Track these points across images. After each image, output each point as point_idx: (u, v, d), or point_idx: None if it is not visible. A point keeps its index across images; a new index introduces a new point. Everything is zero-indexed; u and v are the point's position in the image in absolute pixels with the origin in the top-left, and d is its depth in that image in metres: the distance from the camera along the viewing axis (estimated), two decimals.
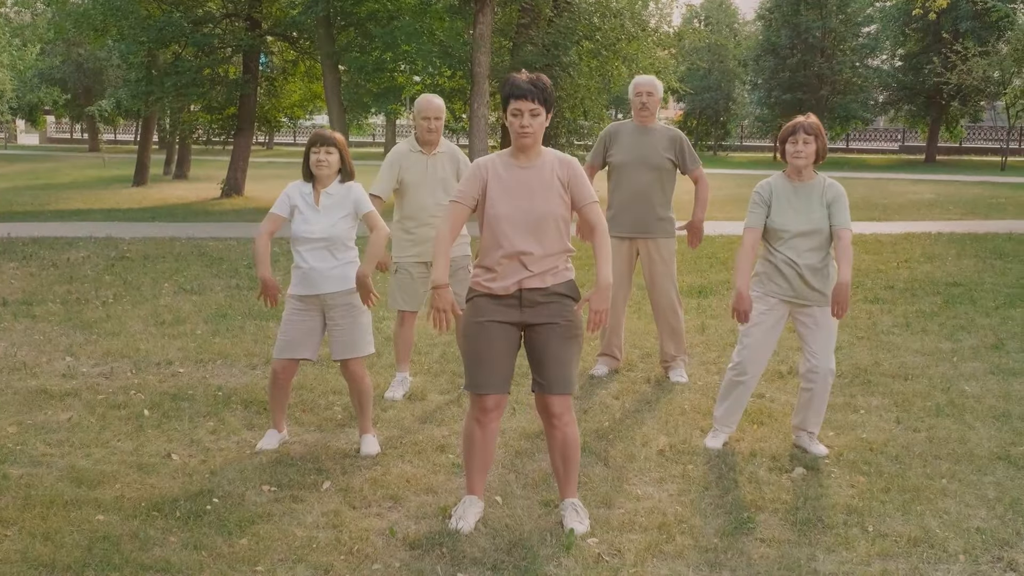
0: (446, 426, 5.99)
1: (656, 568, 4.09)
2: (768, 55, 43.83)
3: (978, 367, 7.45)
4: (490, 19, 21.07)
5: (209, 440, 5.71)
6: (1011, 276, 11.75)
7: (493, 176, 4.37)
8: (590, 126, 24.45)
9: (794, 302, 5.46)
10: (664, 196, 7.00)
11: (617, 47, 23.41)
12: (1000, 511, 4.71)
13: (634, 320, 9.00)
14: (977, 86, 39.40)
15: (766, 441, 5.74)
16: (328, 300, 5.43)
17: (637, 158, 6.92)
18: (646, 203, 6.94)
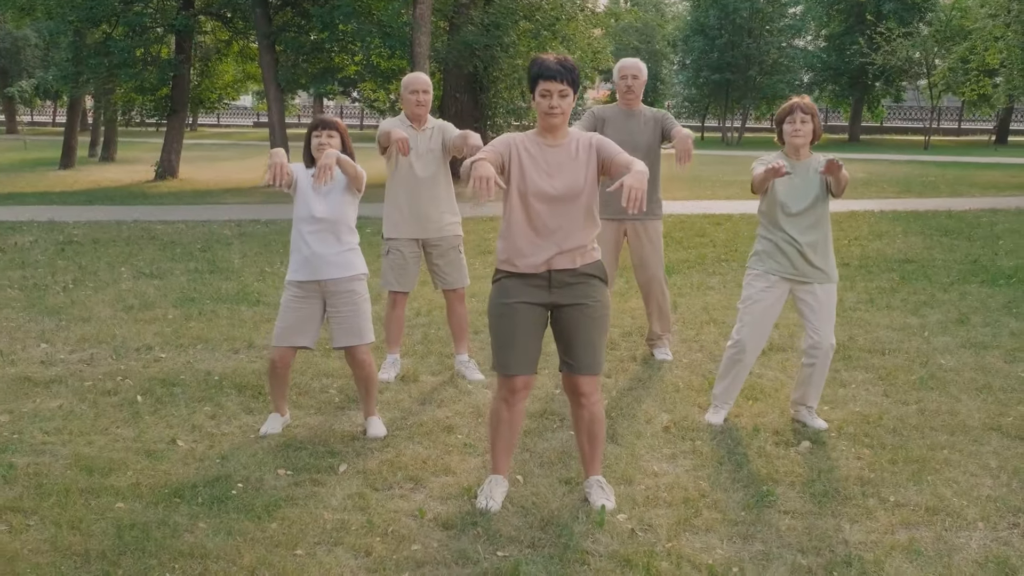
0: (447, 407, 5.99)
1: (690, 542, 4.16)
2: (697, 35, 44.25)
3: (949, 341, 7.66)
4: (430, 1, 20.96)
5: (210, 425, 5.64)
6: (959, 252, 12.07)
7: (523, 152, 4.38)
8: (527, 107, 24.47)
9: (795, 279, 5.56)
10: (653, 178, 7.06)
11: (556, 27, 23.46)
12: (1005, 479, 4.87)
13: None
14: (901, 67, 40.29)
15: (765, 416, 5.85)
16: (330, 287, 5.39)
17: (625, 141, 6.94)
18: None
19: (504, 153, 4.38)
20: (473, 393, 6.28)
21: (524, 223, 4.38)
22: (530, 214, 4.37)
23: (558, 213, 4.35)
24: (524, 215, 4.38)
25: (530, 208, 4.36)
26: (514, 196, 4.40)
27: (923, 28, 42.42)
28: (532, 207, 4.36)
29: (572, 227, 4.36)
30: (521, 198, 4.38)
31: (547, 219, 4.35)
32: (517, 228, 4.39)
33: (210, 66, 26.55)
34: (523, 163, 4.38)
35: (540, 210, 4.35)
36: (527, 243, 4.37)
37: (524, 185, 4.37)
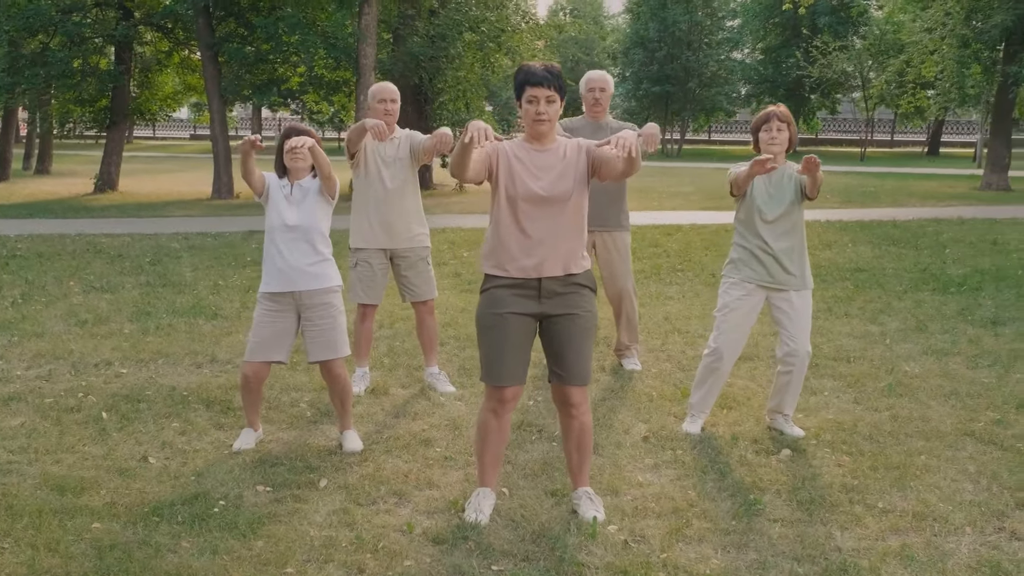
0: (421, 419, 5.92)
1: (684, 552, 4.14)
2: (637, 48, 44.59)
3: (911, 348, 7.75)
4: (375, 10, 20.91)
5: (181, 441, 5.51)
6: (908, 261, 12.25)
7: (512, 157, 4.35)
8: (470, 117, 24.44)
9: (770, 287, 5.58)
10: (619, 190, 7.06)
11: (501, 39, 23.48)
12: (985, 484, 4.91)
13: None
14: (837, 79, 40.93)
15: (741, 425, 5.85)
16: (305, 299, 5.30)
17: None
18: (603, 196, 6.97)
19: (492, 155, 4.35)
20: (446, 405, 6.21)
21: (513, 226, 4.34)
22: (519, 217, 4.33)
23: (548, 216, 4.31)
24: (513, 218, 4.34)
25: (519, 211, 4.32)
26: (503, 200, 4.36)
27: (857, 42, 43.13)
28: (521, 210, 4.32)
29: (562, 231, 4.33)
30: (510, 202, 4.34)
31: (537, 222, 4.31)
32: (506, 232, 4.34)
33: (150, 77, 26.14)
34: (512, 167, 4.35)
35: (530, 213, 4.31)
36: (517, 247, 4.32)
37: (513, 188, 4.33)
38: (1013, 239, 14.31)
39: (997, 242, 13.98)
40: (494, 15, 23.15)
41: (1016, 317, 8.93)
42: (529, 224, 4.32)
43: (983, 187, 24.22)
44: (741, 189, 5.49)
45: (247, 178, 5.29)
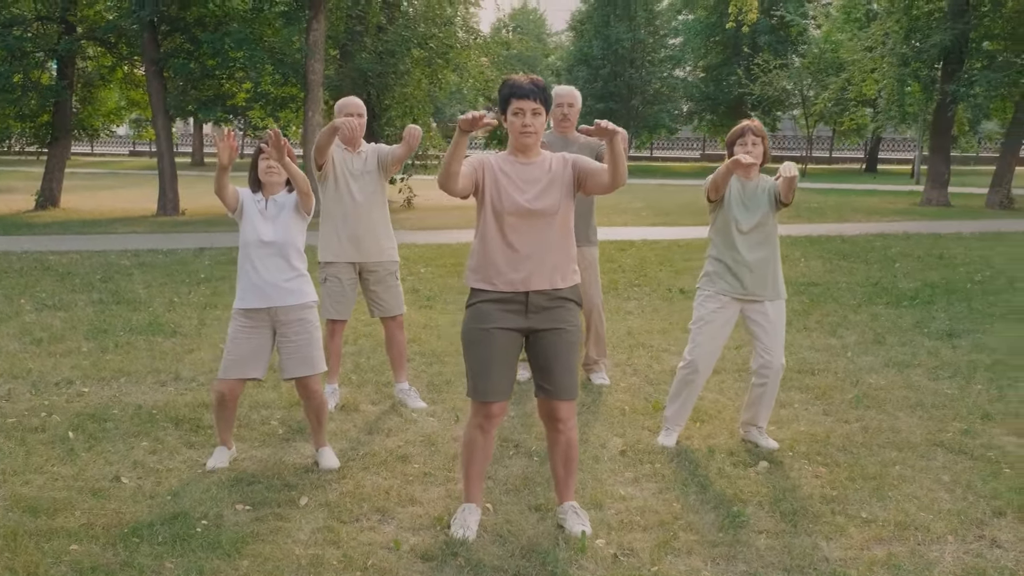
0: (396, 436, 5.87)
1: (674, 565, 4.14)
2: (581, 65, 44.88)
3: (873, 360, 7.85)
4: (323, 26, 20.82)
5: (152, 461, 5.41)
6: (859, 275, 12.42)
7: (498, 171, 4.35)
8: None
9: (745, 299, 5.62)
10: (587, 205, 7.09)
11: (449, 55, 23.50)
12: (961, 493, 4.98)
13: None
14: (778, 97, 41.48)
15: (715, 438, 5.88)
16: (281, 315, 5.24)
17: None
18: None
19: (478, 168, 4.34)
20: (419, 421, 6.17)
21: (500, 240, 4.33)
22: (506, 231, 4.32)
23: (535, 229, 4.31)
24: (500, 232, 4.33)
25: (506, 225, 4.32)
26: (489, 214, 4.35)
27: (796, 60, 43.72)
28: (508, 224, 4.31)
29: (549, 244, 4.33)
30: (496, 215, 4.33)
31: (524, 236, 4.31)
32: (493, 246, 4.33)
33: (93, 92, 25.74)
34: (499, 180, 4.34)
35: (516, 226, 4.31)
36: (504, 261, 4.31)
37: (500, 202, 4.32)
38: (959, 253, 14.58)
39: (943, 256, 14.23)
40: (441, 32, 23.16)
41: (970, 329, 9.08)
42: (516, 238, 4.31)
43: (924, 203, 24.66)
44: (719, 191, 5.51)
45: (221, 193, 5.21)
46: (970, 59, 24.40)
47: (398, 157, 6.40)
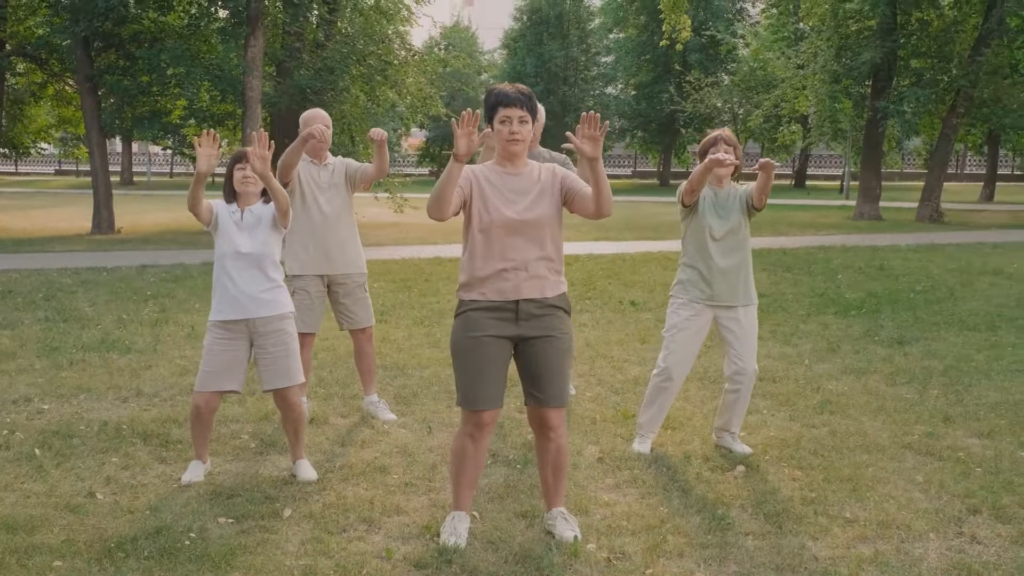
0: (370, 448, 5.84)
1: (667, 567, 4.18)
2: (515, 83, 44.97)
3: (830, 368, 7.98)
4: (261, 42, 20.68)
5: (125, 476, 5.32)
6: (804, 287, 12.62)
7: (484, 182, 4.35)
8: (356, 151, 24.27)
9: (718, 305, 5.69)
10: None
11: (388, 72, 23.46)
12: (935, 493, 5.09)
13: None
14: (709, 114, 42.04)
15: (689, 444, 5.94)
16: (259, 327, 5.19)
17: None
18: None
19: (463, 185, 4.33)
20: (391, 433, 6.14)
21: (488, 252, 4.33)
22: (493, 242, 4.32)
23: (524, 240, 4.32)
24: (487, 244, 4.33)
25: (494, 237, 4.32)
26: (476, 227, 4.35)
27: (725, 78, 44.36)
28: (496, 235, 4.31)
29: (538, 254, 4.34)
30: (484, 227, 4.33)
31: (512, 247, 4.31)
32: (482, 257, 4.34)
33: (23, 109, 25.27)
34: (484, 192, 4.34)
35: (505, 238, 4.31)
36: (493, 272, 4.32)
37: (487, 214, 4.32)
38: (897, 265, 14.89)
39: (884, 267, 14.52)
40: (380, 49, 23.12)
41: (919, 337, 9.28)
42: (504, 249, 4.31)
43: (856, 217, 25.15)
44: (695, 194, 5.54)
45: (195, 207, 5.13)
46: (899, 76, 25.00)
47: (369, 176, 6.40)
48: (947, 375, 7.71)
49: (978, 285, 12.84)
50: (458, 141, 4.07)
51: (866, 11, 23.99)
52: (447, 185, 4.15)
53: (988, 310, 10.85)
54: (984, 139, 39.68)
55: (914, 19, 24.61)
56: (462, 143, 4.07)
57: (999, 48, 24.16)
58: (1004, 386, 7.34)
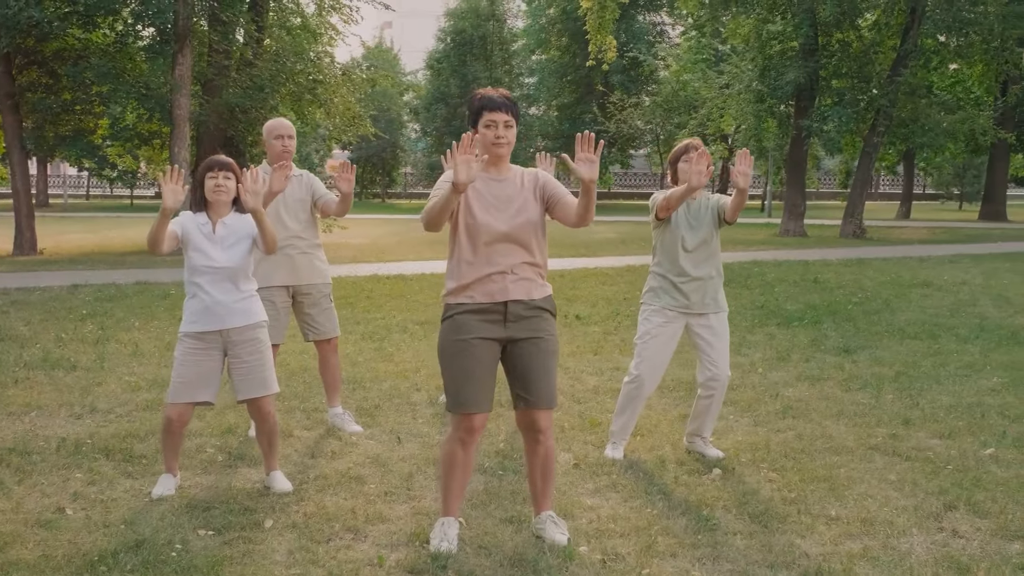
0: (341, 459, 5.76)
1: (662, 567, 4.18)
2: (439, 104, 45.05)
3: (784, 376, 8.09)
4: (189, 60, 20.40)
5: (93, 492, 5.17)
6: (745, 300, 12.79)
7: (470, 190, 4.34)
8: None
9: (690, 313, 5.72)
10: None
11: (317, 91, 23.30)
12: (909, 491, 5.18)
13: None
14: (632, 134, 42.52)
15: (660, 449, 5.96)
16: (233, 336, 5.10)
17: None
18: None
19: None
20: (359, 444, 6.07)
21: (474, 257, 4.32)
22: (480, 249, 4.32)
23: (510, 246, 4.33)
24: (473, 250, 4.33)
25: (479, 242, 4.32)
26: (462, 231, 4.35)
27: (646, 99, 44.87)
28: (481, 241, 4.32)
29: (524, 258, 4.35)
30: (469, 233, 4.33)
31: (499, 252, 4.32)
32: (468, 262, 4.33)
33: None
34: (470, 199, 4.34)
35: (490, 244, 4.31)
36: (480, 276, 4.31)
37: (473, 220, 4.32)
38: (831, 278, 15.17)
39: (818, 280, 14.79)
40: (311, 67, 22.97)
41: (864, 345, 9.45)
42: (491, 254, 4.31)
43: (782, 233, 25.58)
44: (671, 210, 5.56)
45: (156, 245, 4.92)
46: (821, 96, 25.54)
47: (329, 210, 6.33)
48: (898, 381, 7.86)
49: (911, 296, 13.14)
50: (458, 170, 4.02)
51: (789, 32, 24.52)
52: (443, 211, 4.16)
53: (924, 320, 11.10)
54: (899, 159, 40.72)
55: (835, 40, 25.20)
56: (462, 172, 4.01)
57: (916, 69, 24.84)
58: (954, 390, 7.51)
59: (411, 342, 9.65)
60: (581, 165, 4.06)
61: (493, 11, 46.02)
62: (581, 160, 4.07)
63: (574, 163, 4.08)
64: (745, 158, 5.28)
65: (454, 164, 4.02)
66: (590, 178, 4.05)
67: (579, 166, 4.06)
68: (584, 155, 4.07)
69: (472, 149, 4.03)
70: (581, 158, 4.07)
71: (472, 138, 4.06)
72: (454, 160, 4.03)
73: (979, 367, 8.38)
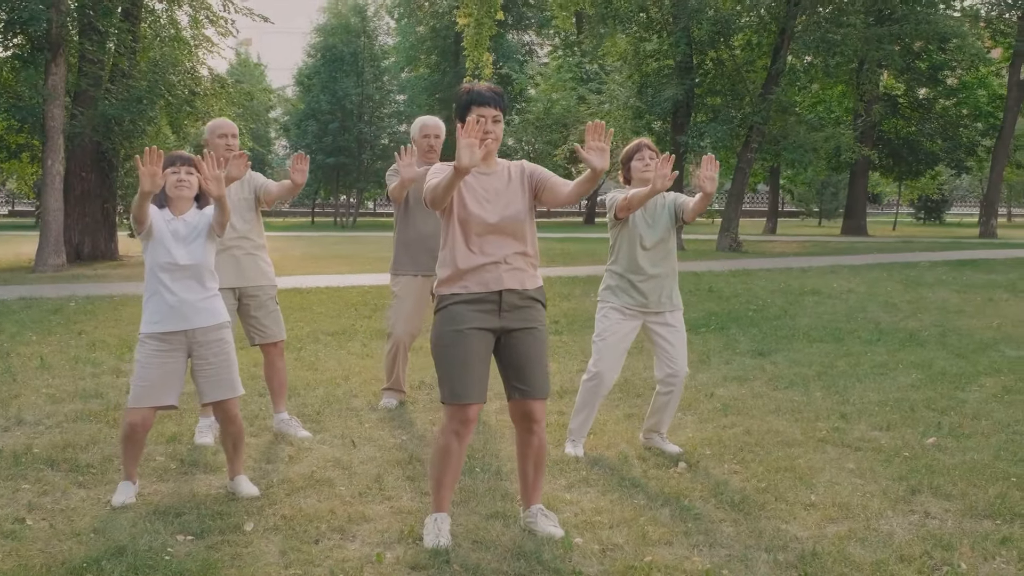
0: (301, 462, 5.63)
1: (662, 554, 4.21)
2: (310, 120, 44.47)
3: (711, 377, 8.25)
4: (63, 70, 19.73)
5: (48, 502, 4.92)
6: None
7: (462, 183, 4.32)
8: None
9: (648, 311, 5.79)
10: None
11: (195, 103, 22.81)
12: (872, 478, 5.34)
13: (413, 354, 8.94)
14: (504, 152, 42.81)
15: (615, 447, 6.01)
16: (199, 336, 4.95)
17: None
18: (439, 241, 6.98)
19: None
20: (313, 449, 5.94)
21: (466, 248, 4.32)
22: (471, 240, 4.31)
23: (501, 238, 4.34)
24: (465, 242, 4.32)
25: (471, 234, 4.31)
26: (455, 223, 4.34)
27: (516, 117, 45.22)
28: (473, 233, 4.32)
29: (515, 249, 4.36)
30: (462, 225, 4.33)
31: (491, 243, 4.33)
32: (462, 252, 4.32)
33: None
34: (461, 192, 4.34)
35: (482, 236, 4.32)
36: (473, 265, 4.30)
37: (465, 213, 4.33)
38: (724, 287, 15.52)
39: (712, 289, 15.13)
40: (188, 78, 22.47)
41: (776, 349, 9.71)
42: (484, 245, 4.32)
43: None
44: (632, 211, 5.60)
45: (141, 218, 4.84)
46: (697, 112, 26.20)
47: (272, 196, 6.25)
48: (821, 380, 8.09)
49: (804, 304, 13.55)
50: (460, 152, 4.00)
51: (665, 51, 25.10)
52: (447, 191, 4.17)
53: (823, 325, 11.46)
54: (766, 176, 42.01)
55: (709, 59, 25.90)
56: (465, 155, 3.99)
57: (786, 87, 25.72)
58: (878, 387, 7.78)
59: (328, 351, 9.50)
60: (592, 154, 4.08)
61: (364, 27, 45.76)
62: (592, 149, 4.08)
63: (585, 152, 4.09)
64: (711, 163, 5.39)
65: (458, 147, 3.99)
66: (601, 168, 4.07)
67: (590, 155, 4.08)
68: (595, 144, 4.09)
69: (478, 133, 4.01)
70: (592, 147, 4.09)
71: (476, 122, 4.03)
72: (404, 161, 3.99)
73: (892, 366, 8.70)
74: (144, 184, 4.69)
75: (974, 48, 29.92)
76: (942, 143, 37.60)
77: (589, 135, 4.11)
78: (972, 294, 14.67)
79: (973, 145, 38.28)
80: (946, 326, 11.27)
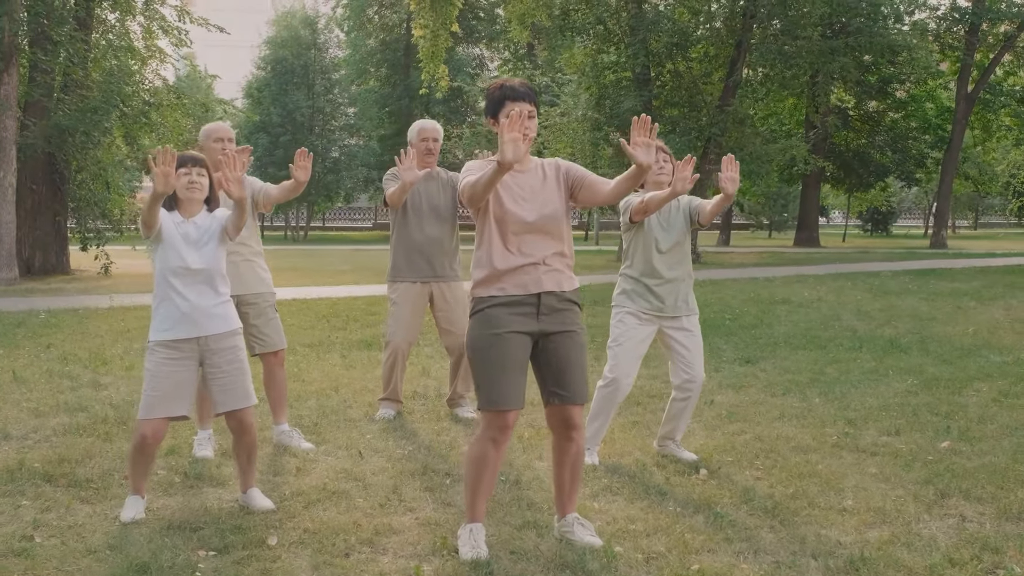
0: (310, 475, 5.44)
1: (709, 562, 4.10)
2: (260, 133, 43.98)
3: (706, 384, 8.06)
4: (16, 79, 19.30)
5: (53, 519, 4.70)
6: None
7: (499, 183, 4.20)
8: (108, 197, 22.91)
9: (663, 316, 5.69)
10: (453, 240, 6.99)
11: (149, 114, 22.42)
12: (897, 482, 5.27)
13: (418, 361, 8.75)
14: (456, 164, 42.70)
15: (630, 455, 5.89)
16: (212, 344, 4.76)
17: (428, 204, 6.86)
18: (438, 247, 6.88)
19: None
20: (318, 461, 5.75)
21: (504, 248, 4.19)
22: (508, 239, 4.19)
23: (538, 237, 4.22)
24: (503, 241, 4.19)
25: (508, 234, 4.19)
26: (491, 222, 4.21)
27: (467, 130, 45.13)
28: (511, 232, 4.19)
29: (552, 249, 4.24)
30: (499, 223, 4.20)
31: (528, 242, 4.21)
32: (499, 253, 4.19)
33: None
34: (498, 190, 4.21)
35: (519, 235, 4.19)
36: (512, 266, 4.16)
37: (501, 211, 4.20)
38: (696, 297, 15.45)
39: None
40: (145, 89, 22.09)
41: (762, 356, 9.67)
42: (521, 244, 4.20)
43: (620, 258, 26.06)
44: (649, 215, 5.49)
45: (151, 221, 4.63)
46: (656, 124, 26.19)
47: (272, 199, 6.09)
48: (815, 386, 8.05)
49: (778, 312, 13.56)
50: (504, 147, 3.86)
51: (623, 63, 25.13)
52: (488, 187, 4.05)
53: (801, 333, 11.45)
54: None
55: (667, 71, 25.99)
56: (509, 149, 3.86)
57: (743, 99, 25.88)
58: (875, 393, 7.74)
59: (310, 363, 9.31)
60: (638, 150, 3.97)
61: (314, 40, 45.44)
62: (638, 144, 3.97)
63: (631, 148, 3.98)
64: (732, 163, 5.30)
65: (499, 142, 3.86)
66: (647, 163, 3.96)
67: (636, 151, 3.97)
68: (641, 139, 3.98)
69: (522, 127, 3.89)
70: (638, 142, 3.98)
71: (520, 115, 3.90)
72: (404, 164, 3.83)
73: (882, 372, 8.69)
74: (158, 185, 4.50)
75: (924, 61, 30.30)
76: (892, 155, 38.10)
77: (635, 130, 4.00)
78: (940, 302, 14.78)
79: (922, 157, 38.83)
80: (923, 333, 11.30)
